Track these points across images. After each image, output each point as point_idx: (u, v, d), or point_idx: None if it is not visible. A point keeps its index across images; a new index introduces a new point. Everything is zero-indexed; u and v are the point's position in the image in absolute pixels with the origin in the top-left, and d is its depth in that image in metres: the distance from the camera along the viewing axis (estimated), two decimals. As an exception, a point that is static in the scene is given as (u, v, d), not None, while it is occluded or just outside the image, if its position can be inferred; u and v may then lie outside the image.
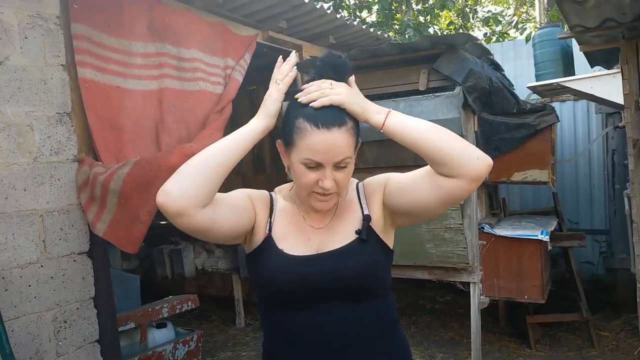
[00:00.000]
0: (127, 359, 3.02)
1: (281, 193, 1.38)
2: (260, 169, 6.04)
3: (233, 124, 6.45)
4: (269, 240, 1.27)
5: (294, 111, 1.21)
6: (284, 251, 1.24)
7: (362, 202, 1.33)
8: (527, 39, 5.65)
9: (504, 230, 3.69)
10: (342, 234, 1.27)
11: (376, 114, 1.20)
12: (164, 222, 5.75)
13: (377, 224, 1.29)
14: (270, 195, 1.36)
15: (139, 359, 3.10)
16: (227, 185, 1.20)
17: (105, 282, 2.79)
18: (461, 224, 3.29)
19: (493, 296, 3.74)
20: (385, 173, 1.36)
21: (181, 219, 1.14)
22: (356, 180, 1.39)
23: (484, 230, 3.67)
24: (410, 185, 1.24)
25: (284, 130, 1.24)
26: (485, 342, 4.01)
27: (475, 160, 1.16)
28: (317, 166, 1.18)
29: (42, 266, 2.52)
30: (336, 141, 1.16)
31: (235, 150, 1.20)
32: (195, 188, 1.14)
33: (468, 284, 3.61)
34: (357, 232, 1.26)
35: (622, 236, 4.83)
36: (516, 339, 4.27)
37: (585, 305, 4.08)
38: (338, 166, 1.19)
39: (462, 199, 1.24)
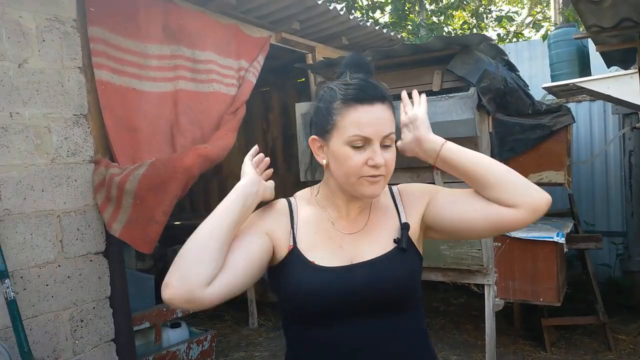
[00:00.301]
0: (141, 358, 3.05)
1: (303, 199, 1.28)
2: (273, 170, 6.04)
3: (246, 125, 6.51)
4: (294, 252, 1.17)
5: (326, 98, 1.17)
6: (315, 263, 1.15)
7: (399, 209, 1.27)
8: (544, 38, 5.59)
9: (519, 232, 3.66)
10: (379, 242, 1.21)
11: (433, 142, 1.28)
12: (178, 223, 5.81)
13: (413, 233, 1.24)
14: (289, 202, 1.26)
15: (154, 358, 3.13)
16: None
17: (120, 282, 2.82)
18: (475, 226, 3.27)
19: (508, 298, 3.71)
20: (426, 184, 1.33)
21: (192, 304, 1.04)
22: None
23: (499, 232, 3.64)
24: (462, 204, 1.22)
25: (318, 121, 1.19)
26: (499, 345, 3.98)
27: (536, 193, 1.18)
28: (364, 145, 1.11)
29: (59, 266, 2.55)
30: (381, 114, 1.13)
31: (224, 217, 1.13)
32: (190, 268, 1.05)
33: (482, 286, 3.59)
34: (396, 241, 1.20)
35: (639, 238, 4.77)
36: (531, 341, 4.23)
37: (601, 308, 4.03)
38: (384, 144, 1.13)
39: (514, 229, 1.23)
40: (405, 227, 1.23)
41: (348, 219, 1.24)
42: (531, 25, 10.41)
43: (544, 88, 4.35)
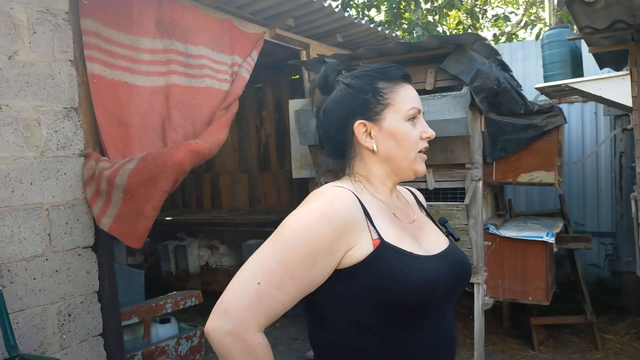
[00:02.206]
0: (130, 353, 3.04)
1: (356, 190, 1.13)
2: (266, 167, 6.05)
3: (240, 122, 6.52)
4: (385, 245, 1.05)
5: (363, 83, 1.16)
6: (414, 253, 1.07)
7: (424, 206, 1.35)
8: (537, 37, 5.61)
9: (510, 231, 3.68)
10: (436, 233, 1.25)
11: None
12: (169, 218, 5.79)
13: None
14: (355, 195, 1.09)
15: (142, 353, 3.12)
16: (232, 184, 1.18)
17: (109, 277, 2.80)
18: (466, 225, 3.28)
19: (497, 297, 3.73)
20: None
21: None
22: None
23: (489, 231, 3.66)
24: None
25: (361, 105, 1.15)
26: (488, 343, 4.00)
27: None
28: (416, 118, 1.17)
29: (47, 259, 2.54)
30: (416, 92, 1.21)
31: None
32: None
33: (472, 284, 3.60)
34: (448, 235, 1.27)
35: (629, 239, 4.81)
36: (520, 340, 4.25)
37: (589, 308, 4.06)
38: None
39: None
40: (444, 221, 1.29)
41: (397, 209, 1.20)
42: (522, 25, 10.44)
43: (536, 88, 4.37)
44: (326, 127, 1.20)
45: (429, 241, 1.18)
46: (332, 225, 1.00)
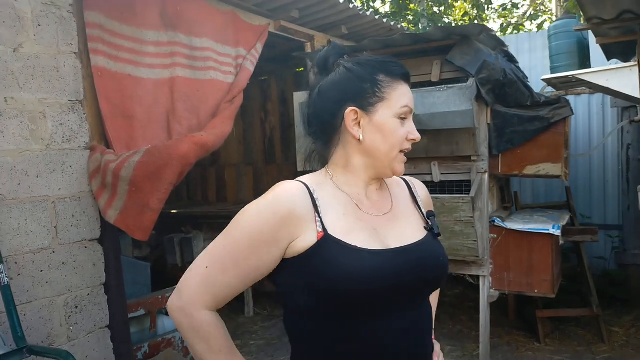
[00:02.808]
0: (137, 345, 3.06)
1: (316, 182, 1.17)
2: (271, 159, 6.05)
3: (245, 114, 6.51)
4: (328, 238, 1.07)
5: (365, 71, 1.15)
6: (359, 247, 1.07)
7: (417, 200, 1.30)
8: (539, 27, 5.57)
9: (515, 224, 3.66)
10: (413, 227, 1.21)
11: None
12: (175, 211, 5.81)
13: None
14: (305, 185, 1.13)
15: (149, 345, 3.14)
16: (237, 176, 1.18)
17: (116, 269, 2.81)
18: (472, 217, 3.27)
19: (503, 290, 3.72)
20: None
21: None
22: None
23: (495, 224, 3.64)
24: None
25: (357, 92, 1.14)
26: (494, 336, 4.00)
27: None
28: (406, 118, 1.17)
29: (53, 252, 2.55)
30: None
31: None
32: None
33: (478, 277, 3.59)
34: (427, 228, 1.22)
35: (635, 232, 4.79)
36: (525, 333, 4.25)
37: (596, 301, 4.05)
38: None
39: None
40: (431, 214, 1.25)
41: (371, 201, 1.20)
42: (527, 17, 10.36)
43: (543, 80, 4.33)
44: (317, 108, 1.20)
45: (396, 235, 1.16)
46: (274, 216, 1.07)
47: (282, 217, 1.07)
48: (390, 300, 1.09)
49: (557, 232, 3.54)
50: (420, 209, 1.28)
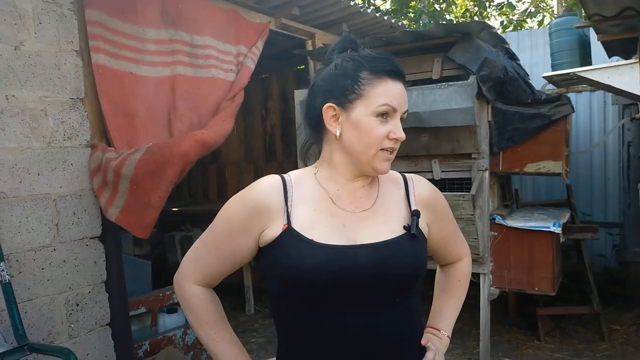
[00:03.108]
0: (138, 342, 3.07)
1: (299, 176, 1.22)
2: (271, 157, 6.04)
3: (245, 112, 6.49)
4: (290, 231, 1.13)
5: (349, 67, 1.15)
6: (315, 240, 1.11)
7: (410, 196, 1.26)
8: (540, 24, 5.55)
9: (516, 222, 3.66)
10: (388, 225, 1.18)
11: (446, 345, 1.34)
12: (176, 209, 5.81)
13: (422, 223, 1.24)
14: (283, 180, 1.19)
15: (150, 343, 3.14)
16: (238, 174, 1.20)
17: (117, 267, 2.82)
18: (472, 215, 3.27)
19: (503, 287, 3.72)
20: (446, 201, 1.37)
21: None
22: (399, 173, 1.33)
23: (496, 221, 3.64)
24: (447, 245, 1.39)
25: (336, 89, 1.15)
26: (494, 334, 4.01)
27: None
28: (389, 116, 1.13)
29: (54, 250, 2.55)
30: (403, 91, 1.17)
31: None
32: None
33: (478, 275, 3.59)
34: (405, 228, 1.19)
35: (636, 229, 4.78)
36: (525, 330, 4.26)
37: (596, 298, 4.05)
38: (401, 119, 1.17)
39: None
40: (416, 214, 1.22)
41: (352, 197, 1.20)
42: (527, 13, 10.33)
43: (544, 77, 4.33)
44: (309, 102, 1.22)
45: (368, 232, 1.15)
46: (244, 207, 1.17)
47: (251, 208, 1.16)
48: (346, 296, 1.10)
49: (558, 230, 3.54)
50: (410, 207, 1.25)
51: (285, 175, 1.22)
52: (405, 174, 1.33)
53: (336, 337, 1.11)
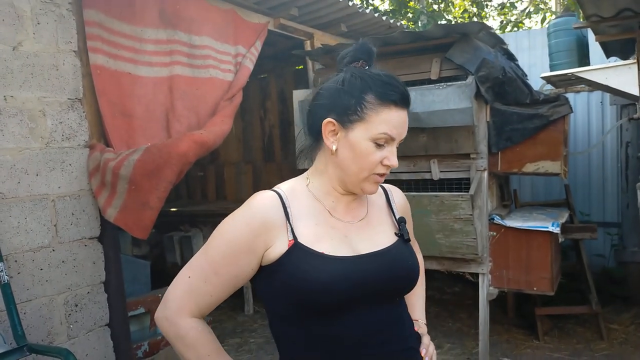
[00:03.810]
0: (137, 343, 3.06)
1: (292, 190, 1.21)
2: (270, 158, 6.04)
3: (244, 112, 6.49)
4: (298, 246, 1.12)
5: (356, 86, 1.14)
6: (326, 254, 1.12)
7: (392, 206, 1.33)
8: (542, 21, 5.55)
9: (514, 222, 3.66)
10: (384, 233, 1.24)
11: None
12: (174, 210, 5.81)
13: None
14: (280, 195, 1.18)
15: (149, 343, 3.14)
16: (237, 176, 1.19)
17: (115, 267, 2.82)
18: (471, 215, 3.27)
19: (502, 287, 3.72)
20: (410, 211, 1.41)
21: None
22: None
23: (494, 221, 3.65)
24: None
25: (340, 106, 1.14)
26: (493, 333, 4.01)
27: None
28: (385, 144, 1.14)
29: (53, 250, 2.55)
30: (406, 119, 1.17)
31: None
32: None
33: (477, 275, 3.60)
34: (397, 234, 1.26)
35: (634, 229, 4.79)
36: (524, 330, 4.26)
37: (595, 298, 4.05)
38: (397, 146, 1.18)
39: None
40: (402, 221, 1.28)
41: (346, 208, 1.23)
42: (526, 14, 10.34)
43: (542, 77, 4.33)
44: (312, 106, 1.22)
45: (367, 241, 1.20)
46: (248, 227, 1.12)
47: (256, 227, 1.12)
48: (358, 303, 1.13)
49: (556, 230, 3.54)
50: (394, 215, 1.32)
51: (278, 190, 1.20)
52: (383, 185, 1.37)
53: (348, 343, 1.13)
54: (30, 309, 2.45)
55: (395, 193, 1.38)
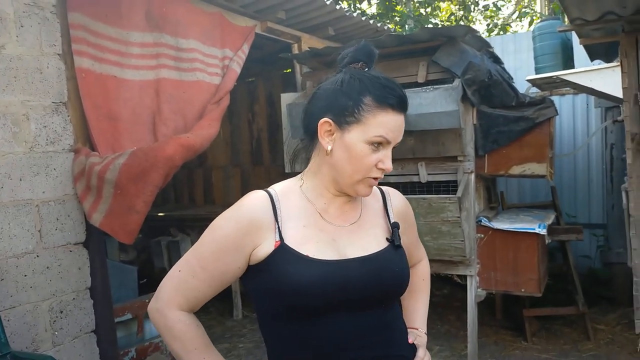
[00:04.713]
0: (123, 349, 3.03)
1: (285, 191, 1.22)
2: (258, 161, 6.02)
3: (232, 116, 6.47)
4: (283, 247, 1.13)
5: (354, 88, 1.14)
6: (310, 256, 1.12)
7: (388, 210, 1.31)
8: (531, 23, 5.60)
9: (502, 224, 3.69)
10: (374, 238, 1.22)
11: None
12: (161, 214, 5.76)
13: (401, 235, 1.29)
14: (270, 195, 1.19)
15: (136, 349, 3.11)
16: (225, 179, 1.18)
17: (101, 273, 2.78)
18: (459, 217, 3.29)
19: (490, 289, 3.74)
20: (412, 211, 1.40)
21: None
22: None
23: (482, 224, 3.67)
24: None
25: (337, 107, 1.14)
26: (481, 335, 4.02)
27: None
28: (381, 147, 1.13)
29: (38, 256, 2.51)
30: (402, 123, 1.17)
31: None
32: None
33: (465, 277, 3.61)
34: (389, 240, 1.24)
35: (620, 230, 4.84)
36: (512, 332, 4.28)
37: (581, 299, 4.09)
38: (392, 149, 1.18)
39: None
40: (395, 226, 1.26)
41: (338, 211, 1.22)
42: (514, 17, 10.45)
43: (528, 80, 4.38)
44: (309, 106, 1.22)
45: (356, 245, 1.19)
46: (236, 225, 1.14)
47: (243, 226, 1.14)
48: (341, 307, 1.13)
49: (543, 232, 3.57)
50: (389, 220, 1.29)
51: (270, 190, 1.20)
52: (382, 188, 1.36)
53: (330, 346, 1.13)
54: (14, 315, 2.41)
55: (394, 196, 1.35)
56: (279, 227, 1.15)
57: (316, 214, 1.20)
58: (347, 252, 1.17)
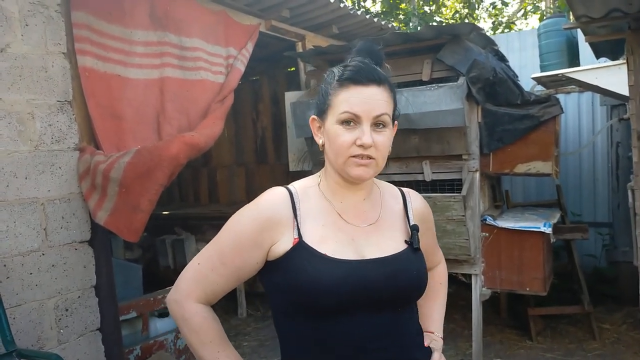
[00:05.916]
0: (128, 347, 3.04)
1: (305, 189, 1.23)
2: (262, 160, 6.03)
3: (236, 115, 6.48)
4: (302, 245, 1.14)
5: (327, 80, 1.20)
6: (328, 255, 1.13)
7: (408, 212, 1.30)
8: (541, 19, 5.56)
9: (507, 222, 3.67)
10: (393, 240, 1.22)
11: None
12: (166, 213, 5.78)
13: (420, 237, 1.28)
14: (290, 193, 1.20)
15: (141, 347, 3.11)
16: (230, 178, 1.19)
17: (106, 271, 2.79)
18: (463, 216, 3.28)
19: (495, 288, 3.73)
20: (432, 214, 1.40)
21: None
22: (396, 187, 1.37)
23: (486, 222, 3.66)
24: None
25: (318, 102, 1.21)
26: (486, 334, 4.01)
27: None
28: (355, 124, 1.12)
29: (43, 254, 2.52)
30: (374, 95, 1.14)
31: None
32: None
33: (470, 275, 3.60)
34: (407, 242, 1.23)
35: (625, 229, 4.81)
36: (517, 331, 4.27)
37: (587, 298, 4.07)
38: (376, 124, 1.14)
39: None
40: (415, 228, 1.26)
41: (358, 211, 1.22)
42: (520, 15, 10.41)
43: (533, 78, 4.36)
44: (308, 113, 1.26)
45: (375, 246, 1.19)
46: (255, 221, 1.16)
47: (262, 222, 1.15)
48: (357, 307, 1.12)
49: (548, 230, 3.56)
50: (409, 222, 1.29)
51: (291, 188, 1.22)
52: (402, 189, 1.36)
53: (344, 346, 1.13)
54: (20, 313, 2.42)
55: (414, 198, 1.35)
56: (297, 225, 1.16)
57: (335, 213, 1.20)
58: (365, 253, 1.16)
